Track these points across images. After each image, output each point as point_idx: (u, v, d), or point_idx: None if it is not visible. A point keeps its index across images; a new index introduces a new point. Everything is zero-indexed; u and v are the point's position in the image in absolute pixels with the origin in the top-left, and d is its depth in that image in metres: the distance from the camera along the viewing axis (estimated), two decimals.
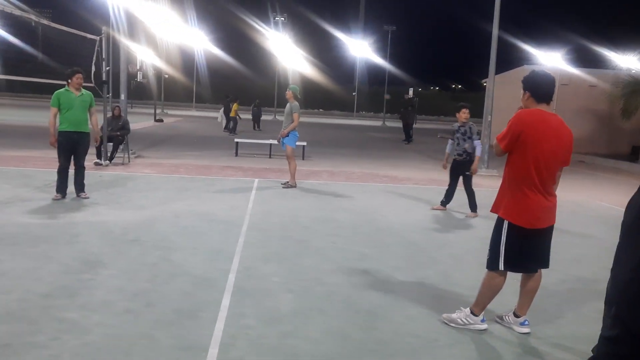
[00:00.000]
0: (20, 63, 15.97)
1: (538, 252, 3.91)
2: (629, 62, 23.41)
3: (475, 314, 4.03)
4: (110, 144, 12.07)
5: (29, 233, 6.00)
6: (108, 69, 12.21)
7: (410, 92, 50.33)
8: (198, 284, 4.67)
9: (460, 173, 8.44)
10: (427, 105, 79.24)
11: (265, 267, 5.28)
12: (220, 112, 27.81)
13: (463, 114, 8.28)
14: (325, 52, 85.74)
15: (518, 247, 3.82)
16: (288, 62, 53.33)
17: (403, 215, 8.19)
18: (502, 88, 20.63)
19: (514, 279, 4.13)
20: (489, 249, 3.94)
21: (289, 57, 52.53)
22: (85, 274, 4.76)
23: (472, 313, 4.04)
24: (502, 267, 3.85)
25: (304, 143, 15.44)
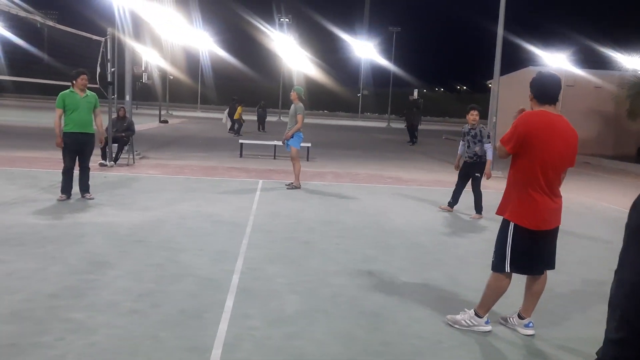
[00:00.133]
0: (27, 64, 16.06)
1: (544, 253, 3.90)
2: (635, 63, 23.34)
3: (480, 316, 4.02)
4: (115, 145, 12.12)
5: (35, 234, 6.02)
6: (113, 70, 12.25)
7: (415, 93, 50.36)
8: (203, 285, 4.68)
9: (471, 175, 8.40)
10: (432, 107, 79.23)
11: (270, 268, 5.28)
12: (225, 113, 27.92)
13: (472, 116, 8.11)
14: (330, 53, 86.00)
15: (524, 248, 3.81)
16: (293, 63, 53.38)
17: (408, 217, 8.18)
18: (507, 89, 20.62)
19: (519, 281, 4.12)
20: (495, 251, 3.93)
21: (294, 58, 52.58)
22: (91, 275, 4.78)
23: (476, 315, 4.03)
24: (508, 269, 3.84)
25: (309, 144, 15.45)
